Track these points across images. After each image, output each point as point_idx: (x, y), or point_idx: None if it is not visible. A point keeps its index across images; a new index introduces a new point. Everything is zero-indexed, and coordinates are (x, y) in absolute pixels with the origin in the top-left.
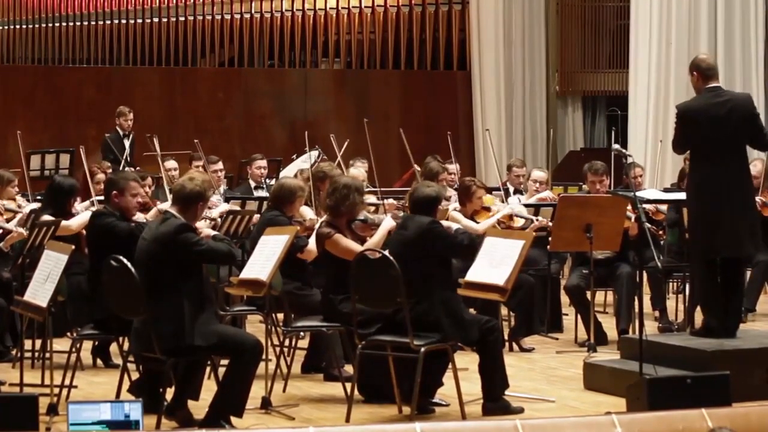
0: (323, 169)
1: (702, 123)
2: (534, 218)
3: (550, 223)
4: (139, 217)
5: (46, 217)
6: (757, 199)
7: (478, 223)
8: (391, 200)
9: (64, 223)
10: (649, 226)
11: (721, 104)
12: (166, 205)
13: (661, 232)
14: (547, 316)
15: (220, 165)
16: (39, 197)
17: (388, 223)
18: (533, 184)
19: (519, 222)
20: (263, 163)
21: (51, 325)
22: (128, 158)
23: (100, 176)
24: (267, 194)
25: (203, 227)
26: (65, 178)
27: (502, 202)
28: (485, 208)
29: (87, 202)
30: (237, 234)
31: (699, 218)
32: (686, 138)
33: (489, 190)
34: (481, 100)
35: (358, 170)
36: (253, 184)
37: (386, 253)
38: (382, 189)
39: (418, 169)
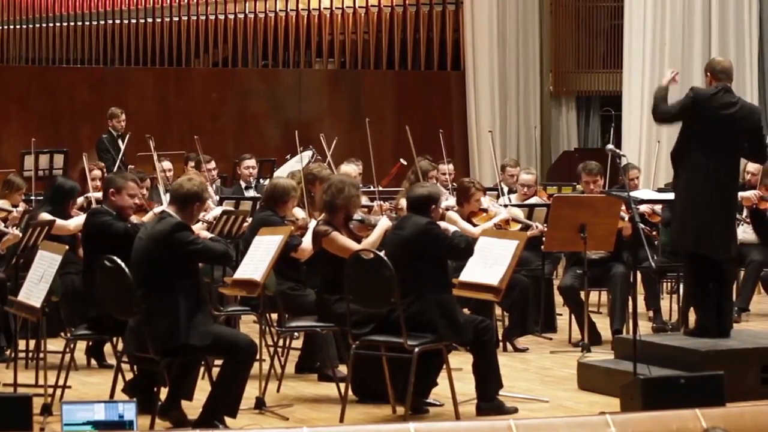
0: (312, 171)
1: (711, 114)
2: (532, 224)
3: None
4: (134, 219)
5: (44, 215)
6: (753, 192)
7: (474, 225)
8: (380, 202)
9: (62, 222)
10: (643, 226)
11: (732, 104)
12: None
13: (654, 233)
14: (541, 317)
15: (212, 164)
16: (38, 198)
17: (385, 222)
18: (521, 188)
19: (516, 227)
20: (252, 162)
21: (45, 325)
22: (123, 159)
23: (96, 172)
24: (256, 194)
25: (199, 230)
26: (67, 180)
27: (497, 200)
28: (482, 209)
29: (81, 198)
30: (231, 234)
31: (678, 207)
32: (685, 114)
33: (485, 191)
34: (475, 100)
35: (350, 167)
36: (243, 184)
37: (380, 253)
38: (376, 190)
39: (404, 162)
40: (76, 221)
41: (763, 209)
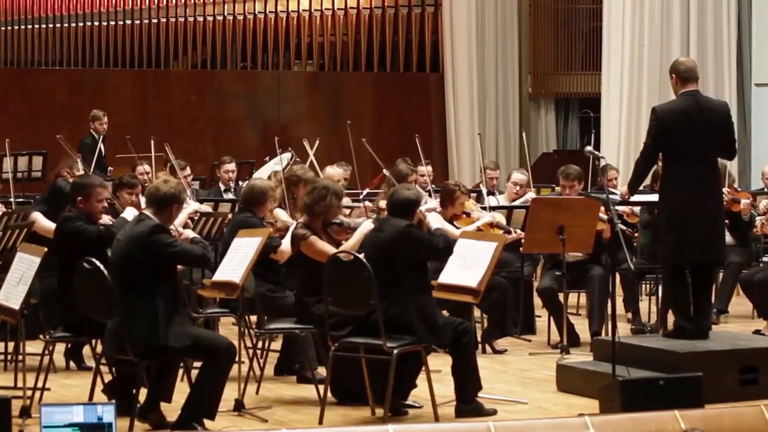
0: (296, 173)
1: (679, 126)
2: (513, 230)
3: None
4: (105, 219)
5: (36, 215)
6: (725, 190)
7: (456, 228)
8: (367, 203)
9: (50, 225)
10: (623, 228)
11: (698, 109)
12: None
13: (635, 235)
14: (520, 318)
15: (188, 171)
16: (18, 200)
17: (366, 226)
18: (513, 186)
19: (499, 232)
20: (232, 166)
21: (24, 327)
22: (102, 161)
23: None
24: (235, 197)
25: (183, 230)
26: (67, 183)
27: (478, 202)
28: (465, 213)
29: None
30: (209, 236)
31: (671, 221)
32: (660, 142)
33: (470, 195)
34: (454, 102)
35: (334, 170)
36: (222, 187)
37: (359, 255)
38: (357, 191)
39: (388, 174)
40: None
41: (736, 211)
